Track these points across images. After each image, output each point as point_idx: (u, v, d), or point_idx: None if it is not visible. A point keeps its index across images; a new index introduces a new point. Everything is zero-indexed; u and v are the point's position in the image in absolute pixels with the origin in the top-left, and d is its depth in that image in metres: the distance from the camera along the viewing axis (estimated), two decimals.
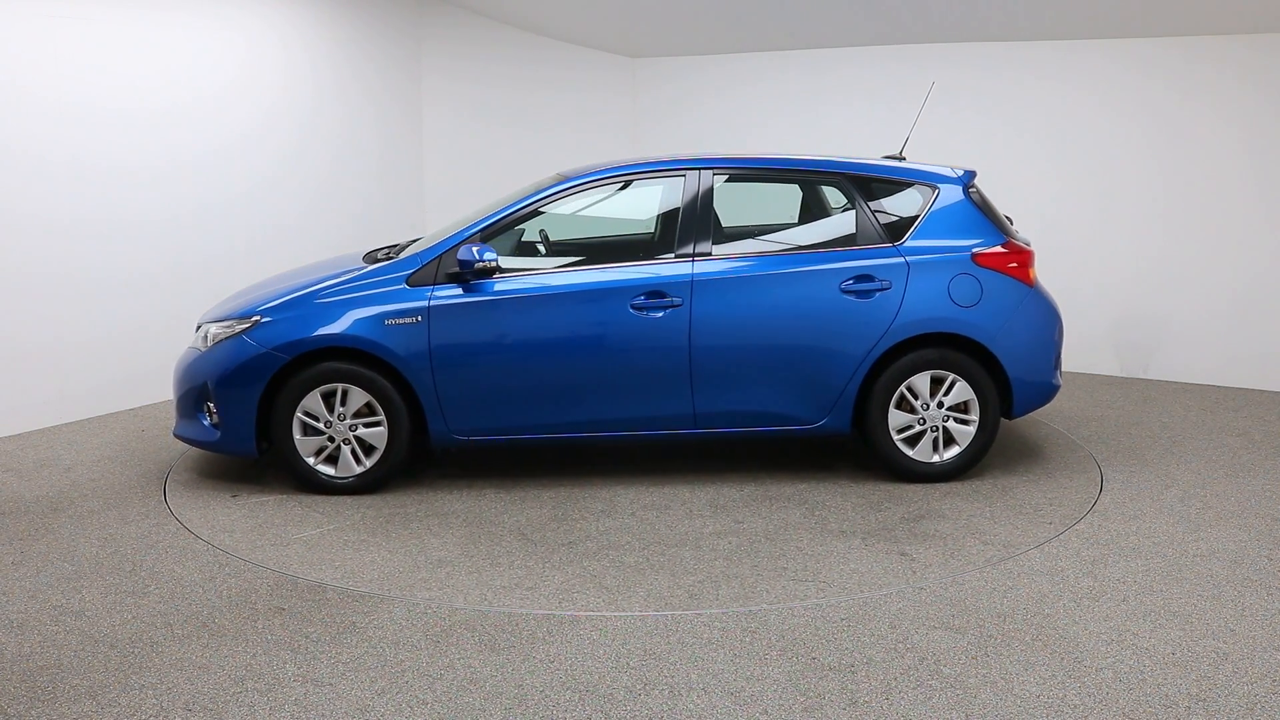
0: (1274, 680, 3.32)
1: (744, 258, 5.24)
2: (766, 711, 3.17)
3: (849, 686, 3.30)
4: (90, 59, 6.37)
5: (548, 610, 3.87)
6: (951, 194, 5.34)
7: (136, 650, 3.57)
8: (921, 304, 5.13)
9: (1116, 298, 7.88)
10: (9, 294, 6.11)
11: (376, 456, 5.14)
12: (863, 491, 5.18)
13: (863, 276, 5.15)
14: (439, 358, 5.06)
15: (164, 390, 7.00)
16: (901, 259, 5.18)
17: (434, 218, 8.56)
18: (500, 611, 3.86)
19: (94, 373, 6.60)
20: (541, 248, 5.68)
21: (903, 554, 4.37)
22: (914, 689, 3.28)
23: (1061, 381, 5.53)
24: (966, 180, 5.43)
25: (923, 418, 5.21)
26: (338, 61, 7.94)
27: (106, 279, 6.58)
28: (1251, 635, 3.63)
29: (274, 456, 5.38)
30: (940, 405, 5.20)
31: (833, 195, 5.80)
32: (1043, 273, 5.78)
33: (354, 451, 5.14)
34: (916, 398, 5.20)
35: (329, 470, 5.16)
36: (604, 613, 3.84)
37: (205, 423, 5.21)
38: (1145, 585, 4.06)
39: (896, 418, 5.21)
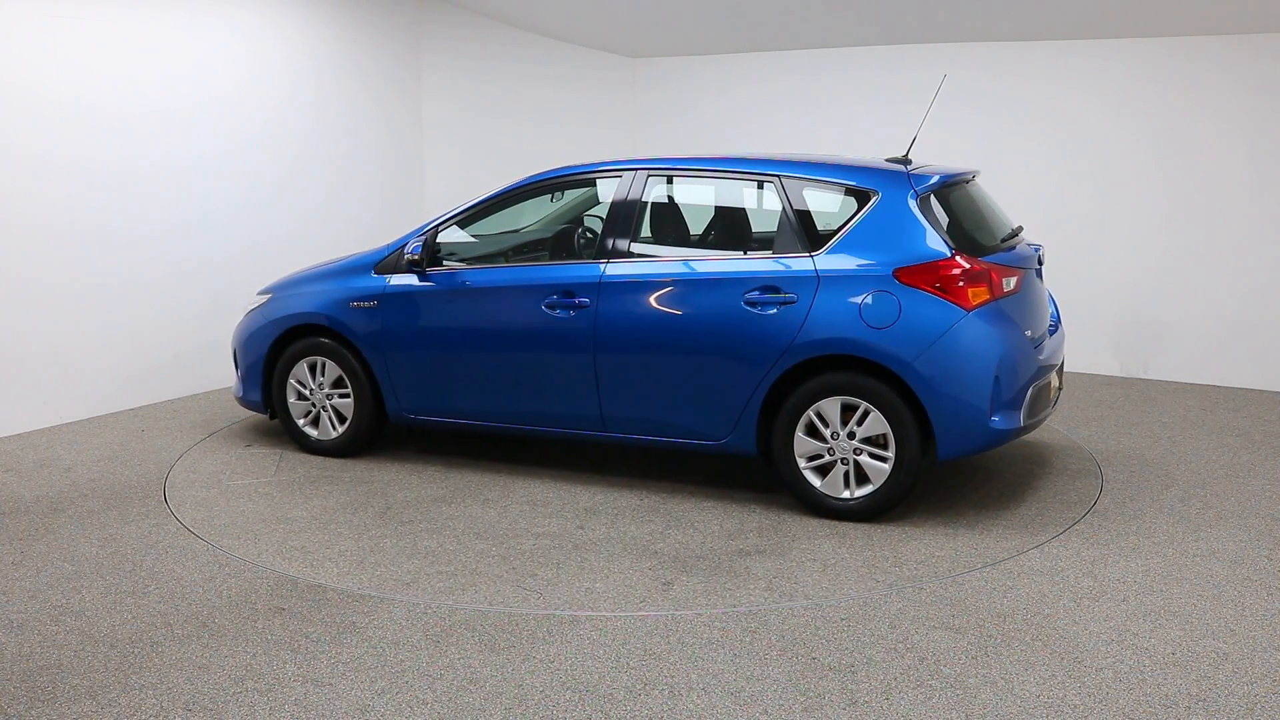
0: (1274, 680, 3.32)
1: (658, 261, 5.07)
2: (766, 711, 3.17)
3: (849, 686, 3.30)
4: (92, 61, 6.36)
5: (547, 610, 3.87)
6: (893, 199, 4.68)
7: (136, 650, 3.57)
8: (827, 322, 4.60)
9: (1117, 298, 7.88)
10: (9, 295, 6.10)
11: (348, 424, 5.70)
12: (750, 517, 4.80)
13: (768, 288, 4.73)
14: (389, 340, 5.50)
15: (164, 390, 7.01)
16: (813, 271, 4.69)
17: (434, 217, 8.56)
18: (500, 611, 3.86)
19: (94, 373, 6.60)
20: (587, 237, 5.85)
21: (666, 584, 4.10)
22: (914, 689, 3.28)
23: (1020, 423, 4.65)
24: (928, 183, 4.78)
25: (831, 447, 4.70)
26: (340, 63, 7.93)
27: (107, 281, 6.58)
28: (1251, 635, 3.63)
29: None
30: (852, 436, 4.65)
31: (820, 198, 5.05)
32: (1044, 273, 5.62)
33: (330, 418, 5.76)
34: (827, 425, 4.69)
35: (313, 432, 5.82)
36: (604, 612, 3.85)
37: (238, 378, 6.03)
38: (1145, 585, 4.06)
39: (804, 444, 4.73)
